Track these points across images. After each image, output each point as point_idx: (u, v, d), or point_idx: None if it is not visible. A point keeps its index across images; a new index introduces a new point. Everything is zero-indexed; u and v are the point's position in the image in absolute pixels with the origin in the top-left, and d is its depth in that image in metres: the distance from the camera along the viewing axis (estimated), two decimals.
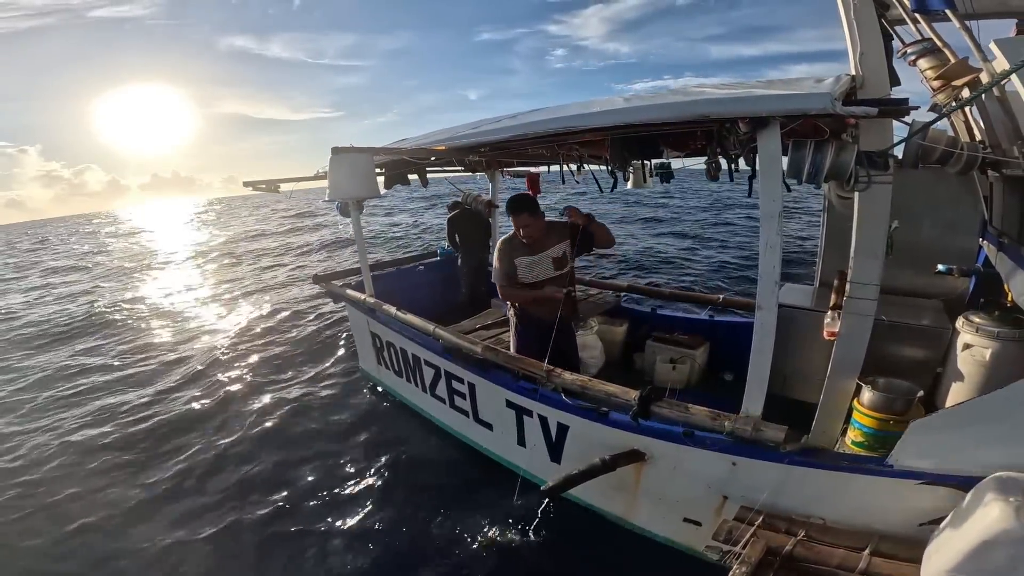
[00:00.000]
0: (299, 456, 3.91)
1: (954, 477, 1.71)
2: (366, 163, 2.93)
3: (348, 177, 2.87)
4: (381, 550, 2.86)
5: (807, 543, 1.80)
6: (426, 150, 3.26)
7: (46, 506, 3.45)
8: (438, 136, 3.44)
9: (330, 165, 2.85)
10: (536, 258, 2.91)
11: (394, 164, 3.95)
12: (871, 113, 1.63)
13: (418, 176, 4.33)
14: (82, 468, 3.92)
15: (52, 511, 3.38)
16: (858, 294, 2.04)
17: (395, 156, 3.50)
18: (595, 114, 2.32)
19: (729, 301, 4.20)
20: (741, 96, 1.88)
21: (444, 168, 4.86)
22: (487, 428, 3.33)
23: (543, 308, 2.92)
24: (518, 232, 2.88)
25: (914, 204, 2.89)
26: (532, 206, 2.86)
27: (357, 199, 3.31)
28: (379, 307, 3.85)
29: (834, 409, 2.17)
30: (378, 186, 3.05)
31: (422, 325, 3.41)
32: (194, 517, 3.25)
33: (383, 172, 4.16)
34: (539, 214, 2.88)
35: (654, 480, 2.44)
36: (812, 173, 1.92)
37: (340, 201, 3.73)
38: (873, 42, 1.89)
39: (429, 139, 3.50)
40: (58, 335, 8.06)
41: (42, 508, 3.43)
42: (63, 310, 9.78)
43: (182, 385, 5.60)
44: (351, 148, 2.85)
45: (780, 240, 1.83)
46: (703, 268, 10.13)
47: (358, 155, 2.89)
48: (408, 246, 14.88)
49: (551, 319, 2.79)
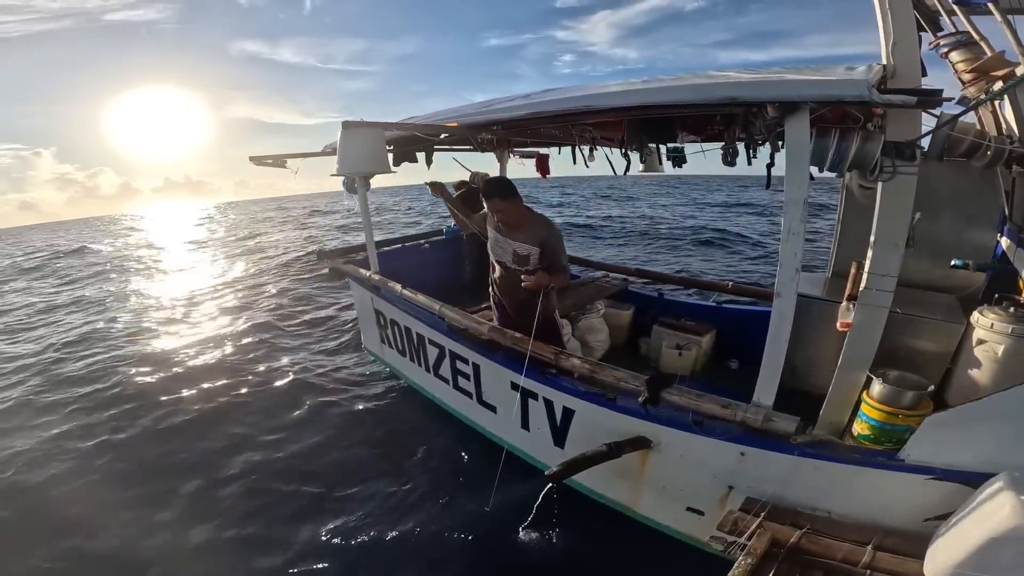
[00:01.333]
0: (295, 436, 3.93)
1: (964, 473, 1.70)
2: (377, 138, 2.86)
3: (359, 151, 2.80)
4: (377, 531, 2.86)
5: (812, 536, 1.81)
6: (438, 127, 3.19)
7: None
8: (449, 114, 3.36)
9: (340, 139, 2.78)
10: (503, 240, 2.84)
11: (403, 141, 3.87)
12: (908, 103, 1.58)
13: (425, 155, 4.25)
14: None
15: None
16: (875, 285, 2.01)
17: (407, 132, 3.43)
18: (615, 94, 2.26)
19: (738, 288, 4.17)
20: (772, 80, 1.82)
21: (451, 148, 4.77)
22: (491, 410, 3.33)
23: (497, 287, 3.07)
24: (491, 212, 2.82)
25: (933, 197, 2.84)
26: (503, 191, 2.72)
27: (367, 174, 3.24)
28: (384, 284, 3.81)
29: (843, 401, 2.17)
30: (388, 162, 2.99)
31: (428, 304, 3.38)
32: (171, 499, 3.23)
33: (391, 149, 4.09)
34: (513, 200, 2.72)
35: (659, 468, 2.44)
36: (836, 161, 1.88)
37: (347, 177, 3.66)
38: (907, 32, 1.84)
39: (440, 116, 3.42)
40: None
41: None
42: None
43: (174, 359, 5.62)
44: (363, 122, 2.78)
45: (804, 227, 1.79)
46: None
47: (370, 129, 2.82)
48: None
49: (498, 302, 3.06)
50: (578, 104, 2.34)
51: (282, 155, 3.82)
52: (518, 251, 2.80)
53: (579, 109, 2.34)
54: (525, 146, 4.99)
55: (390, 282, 3.76)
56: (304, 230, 21.86)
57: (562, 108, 2.43)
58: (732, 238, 13.46)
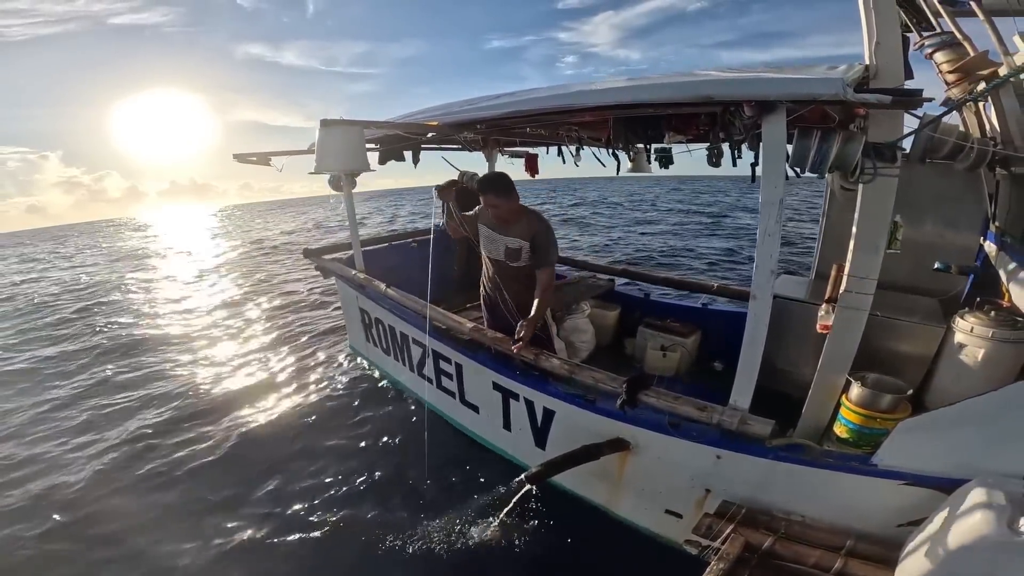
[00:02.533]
0: (276, 434, 3.89)
1: (937, 479, 1.69)
2: (356, 136, 2.82)
3: (337, 149, 2.76)
4: (356, 531, 2.83)
5: (785, 541, 1.79)
6: (420, 125, 3.15)
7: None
8: (432, 112, 3.32)
9: (319, 136, 2.74)
10: (495, 236, 2.85)
11: (389, 140, 3.83)
12: (884, 101, 1.56)
13: (412, 153, 4.21)
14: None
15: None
16: (855, 288, 1.99)
17: (388, 131, 3.39)
18: (595, 92, 2.23)
19: (723, 289, 4.15)
20: (748, 79, 1.80)
21: (440, 146, 4.73)
22: (473, 410, 3.31)
23: (485, 287, 3.08)
24: (485, 207, 2.81)
25: (916, 199, 2.82)
26: (500, 187, 2.71)
27: (345, 172, 3.21)
28: (368, 283, 3.79)
29: (822, 404, 2.15)
30: (367, 160, 2.94)
31: (411, 303, 3.35)
32: (162, 500, 3.21)
33: (377, 148, 4.05)
34: (508, 196, 2.72)
35: (638, 470, 2.42)
36: (817, 162, 1.86)
37: (333, 175, 3.63)
38: (890, 32, 1.82)
39: (424, 114, 3.38)
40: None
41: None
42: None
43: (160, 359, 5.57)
44: (341, 120, 2.74)
45: (780, 229, 1.77)
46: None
47: (348, 127, 2.78)
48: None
49: (489, 303, 3.08)
50: (559, 103, 2.31)
51: (266, 153, 3.79)
52: (509, 245, 2.81)
53: (560, 107, 2.31)
54: (514, 145, 4.96)
55: (375, 281, 3.73)
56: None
57: (542, 107, 2.41)
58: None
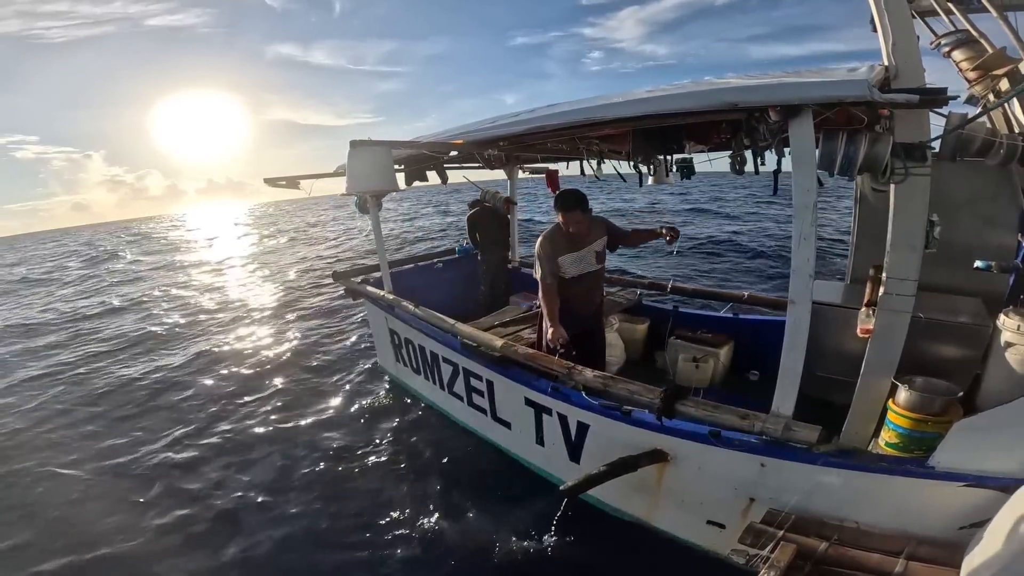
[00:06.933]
0: (309, 454, 3.93)
1: (998, 479, 1.63)
2: (384, 156, 2.92)
3: (367, 170, 2.86)
4: (391, 548, 2.84)
5: (840, 547, 1.73)
6: (444, 144, 3.24)
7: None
8: (455, 131, 3.42)
9: (348, 158, 2.85)
10: (581, 253, 2.91)
11: (413, 160, 3.94)
12: (912, 101, 1.57)
13: (437, 172, 4.32)
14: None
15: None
16: (895, 290, 1.96)
17: (414, 150, 3.50)
18: (616, 105, 2.27)
19: (755, 298, 4.10)
20: (772, 84, 1.82)
21: (463, 165, 4.84)
22: (505, 427, 3.30)
23: (579, 304, 3.01)
24: (567, 228, 2.84)
25: (949, 198, 2.78)
26: (584, 202, 2.84)
27: (376, 192, 3.30)
28: (397, 303, 3.85)
29: (868, 409, 2.09)
30: (396, 180, 3.04)
31: (440, 321, 3.39)
32: (190, 514, 3.28)
33: (403, 168, 4.17)
34: (589, 209, 2.88)
35: (677, 481, 2.38)
36: (845, 165, 1.85)
37: (359, 196, 3.74)
38: (905, 31, 1.82)
39: (447, 134, 3.49)
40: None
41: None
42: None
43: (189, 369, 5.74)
44: (369, 141, 2.85)
45: (814, 232, 1.76)
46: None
47: (377, 148, 2.89)
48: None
49: (587, 314, 3.01)
50: (579, 117, 2.36)
51: (295, 176, 3.93)
52: (596, 249, 2.97)
53: (580, 122, 2.36)
54: (535, 162, 5.04)
55: (403, 301, 3.80)
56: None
57: (564, 121, 2.46)
58: None
